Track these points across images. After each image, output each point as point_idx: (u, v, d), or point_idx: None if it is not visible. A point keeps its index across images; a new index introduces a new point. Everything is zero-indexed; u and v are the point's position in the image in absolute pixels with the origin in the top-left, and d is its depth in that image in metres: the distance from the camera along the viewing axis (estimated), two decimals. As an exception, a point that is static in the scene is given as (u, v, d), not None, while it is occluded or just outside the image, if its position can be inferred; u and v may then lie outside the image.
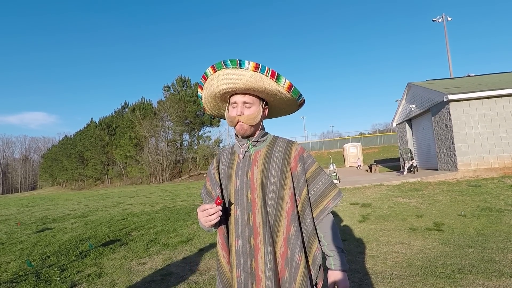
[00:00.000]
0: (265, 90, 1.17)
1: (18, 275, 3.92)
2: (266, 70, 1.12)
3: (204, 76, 1.21)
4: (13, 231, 7.38)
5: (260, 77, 1.12)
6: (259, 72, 1.11)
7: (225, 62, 1.12)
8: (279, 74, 1.14)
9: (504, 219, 5.05)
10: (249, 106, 1.21)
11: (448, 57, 20.69)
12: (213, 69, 1.16)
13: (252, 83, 1.13)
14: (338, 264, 1.17)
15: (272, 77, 1.13)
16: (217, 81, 1.17)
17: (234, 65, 1.10)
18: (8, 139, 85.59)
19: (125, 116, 40.65)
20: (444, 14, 20.76)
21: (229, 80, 1.14)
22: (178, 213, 8.18)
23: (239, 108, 1.19)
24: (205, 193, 1.34)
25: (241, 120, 1.20)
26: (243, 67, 1.10)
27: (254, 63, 1.10)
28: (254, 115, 1.20)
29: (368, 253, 3.90)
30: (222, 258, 1.24)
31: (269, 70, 1.12)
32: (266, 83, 1.14)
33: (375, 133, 47.48)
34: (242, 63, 1.10)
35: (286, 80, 1.16)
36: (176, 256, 4.35)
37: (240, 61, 1.10)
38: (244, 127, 1.21)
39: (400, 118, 15.49)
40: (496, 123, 9.67)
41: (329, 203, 1.22)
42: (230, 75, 1.13)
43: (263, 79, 1.13)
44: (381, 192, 8.43)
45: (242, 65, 1.10)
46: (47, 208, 13.08)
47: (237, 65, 1.10)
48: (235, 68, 1.11)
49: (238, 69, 1.11)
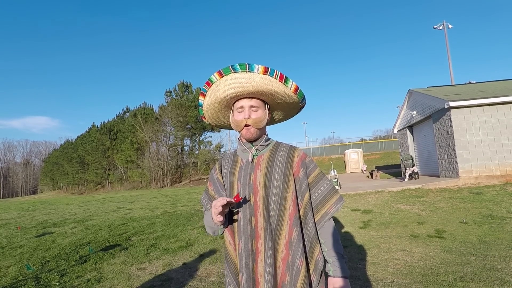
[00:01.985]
0: (273, 93, 1.18)
1: (17, 279, 3.90)
2: (275, 73, 1.13)
3: (208, 83, 1.19)
4: (13, 235, 7.37)
5: (269, 80, 1.14)
6: (269, 75, 1.13)
7: (233, 67, 1.12)
8: (287, 77, 1.16)
9: (506, 226, 5.02)
10: (256, 110, 1.22)
11: (449, 64, 20.77)
12: (219, 75, 1.15)
13: (262, 85, 1.14)
14: (338, 270, 1.17)
15: (280, 79, 1.15)
16: (224, 85, 1.16)
17: (244, 69, 1.11)
18: (9, 143, 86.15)
19: (126, 120, 40.82)
20: (445, 22, 20.92)
21: (238, 84, 1.14)
22: (178, 218, 8.16)
23: (246, 112, 1.20)
24: (207, 199, 1.33)
25: (249, 123, 1.20)
26: (252, 71, 1.11)
27: (263, 67, 1.12)
28: (261, 118, 1.22)
29: (369, 260, 3.87)
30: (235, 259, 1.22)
31: (278, 73, 1.14)
32: (275, 86, 1.16)
33: (376, 139, 47.42)
34: (252, 67, 1.11)
35: (293, 82, 1.19)
36: (176, 261, 4.33)
37: (250, 65, 1.11)
38: (251, 130, 1.22)
39: (401, 125, 15.49)
40: (498, 130, 9.67)
41: (331, 208, 1.22)
42: (239, 79, 1.13)
43: (272, 82, 1.15)
44: (382, 198, 8.40)
45: (251, 69, 1.11)
46: (47, 212, 13.07)
47: (246, 69, 1.11)
48: (244, 72, 1.12)
49: (248, 73, 1.12)
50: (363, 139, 49.52)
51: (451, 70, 20.55)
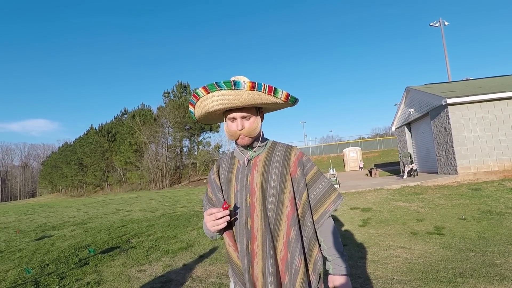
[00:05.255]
0: (263, 104, 1.17)
1: (17, 283, 3.89)
2: (262, 87, 1.09)
3: (195, 96, 1.15)
4: (12, 239, 7.34)
5: (258, 94, 1.10)
6: (256, 90, 1.08)
7: (218, 84, 1.07)
8: (276, 88, 1.11)
9: (505, 222, 5.03)
10: (248, 118, 1.20)
11: (446, 61, 20.83)
12: (205, 91, 1.11)
13: (250, 100, 1.11)
14: (338, 268, 1.16)
15: (269, 92, 1.11)
16: (212, 101, 1.13)
17: (229, 86, 1.06)
18: (7, 146, 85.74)
19: (125, 122, 40.70)
20: (441, 19, 20.99)
21: (226, 101, 1.10)
22: (178, 219, 8.14)
23: (239, 123, 1.18)
24: (206, 200, 1.34)
25: (243, 133, 1.19)
26: (238, 88, 1.06)
27: (249, 83, 1.06)
28: (254, 125, 1.20)
29: (369, 257, 3.88)
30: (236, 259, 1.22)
31: (266, 86, 1.09)
32: (264, 99, 1.12)
33: (374, 137, 47.53)
34: (238, 84, 1.06)
35: (283, 92, 1.14)
36: (176, 263, 4.32)
37: (235, 82, 1.06)
38: (246, 139, 1.21)
39: (399, 122, 15.53)
40: (495, 126, 9.70)
41: (330, 206, 1.22)
42: (226, 96, 1.09)
43: (260, 96, 1.10)
44: (381, 196, 8.41)
45: (237, 86, 1.06)
46: (46, 215, 13.02)
47: (232, 86, 1.06)
48: (230, 89, 1.07)
49: (234, 90, 1.07)
50: (362, 138, 49.56)
51: (448, 67, 20.63)
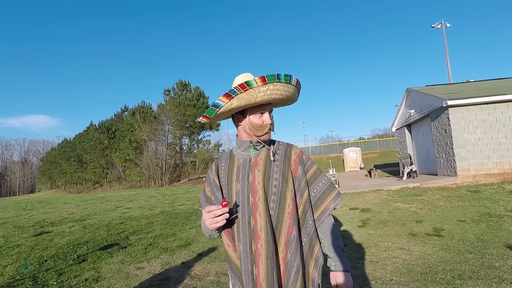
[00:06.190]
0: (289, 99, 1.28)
1: (14, 279, 3.88)
2: (296, 82, 1.21)
3: (243, 86, 1.10)
4: (10, 235, 7.34)
5: (295, 90, 1.23)
6: (297, 86, 1.23)
7: (278, 76, 1.14)
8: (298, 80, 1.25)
9: (504, 224, 5.03)
10: (271, 113, 1.27)
11: (447, 63, 20.80)
12: (262, 81, 1.10)
13: (290, 95, 1.23)
14: (340, 265, 1.17)
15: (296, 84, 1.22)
16: (264, 93, 1.13)
17: (286, 80, 1.16)
18: (7, 142, 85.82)
19: (125, 119, 40.70)
20: (443, 21, 20.94)
21: (278, 93, 1.17)
22: (177, 217, 8.14)
23: (268, 117, 1.24)
24: (204, 200, 1.31)
25: (271, 128, 1.25)
26: (291, 83, 1.18)
27: (296, 79, 1.20)
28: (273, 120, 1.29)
29: (368, 258, 3.88)
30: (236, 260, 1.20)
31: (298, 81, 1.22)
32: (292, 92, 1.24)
33: (374, 138, 47.53)
34: (291, 79, 1.17)
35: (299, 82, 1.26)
36: (174, 260, 4.32)
37: (290, 76, 1.17)
38: (269, 133, 1.27)
39: (400, 123, 15.52)
40: (495, 129, 9.69)
41: (330, 204, 1.22)
42: (281, 89, 1.17)
43: (294, 91, 1.23)
44: (381, 197, 8.41)
45: (291, 81, 1.18)
46: (45, 211, 13.02)
47: (288, 80, 1.17)
48: (286, 83, 1.16)
49: (288, 85, 1.18)
50: (362, 138, 49.56)
51: (449, 69, 20.60)
